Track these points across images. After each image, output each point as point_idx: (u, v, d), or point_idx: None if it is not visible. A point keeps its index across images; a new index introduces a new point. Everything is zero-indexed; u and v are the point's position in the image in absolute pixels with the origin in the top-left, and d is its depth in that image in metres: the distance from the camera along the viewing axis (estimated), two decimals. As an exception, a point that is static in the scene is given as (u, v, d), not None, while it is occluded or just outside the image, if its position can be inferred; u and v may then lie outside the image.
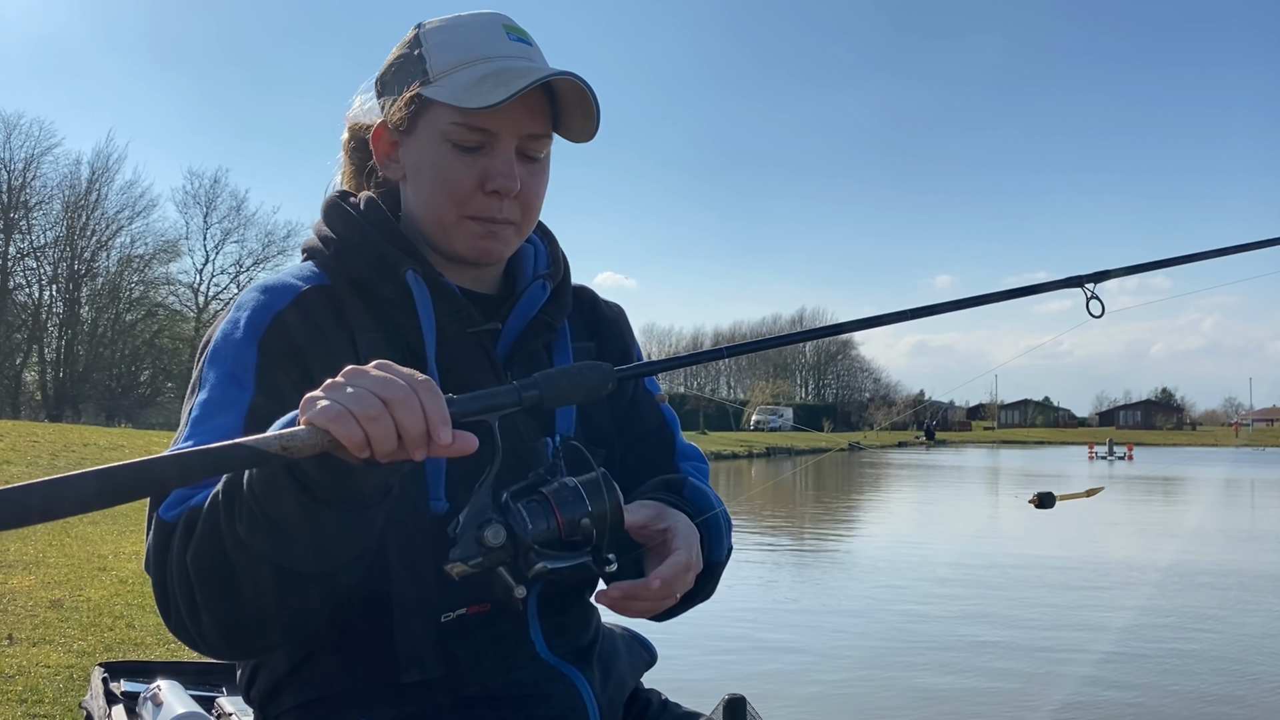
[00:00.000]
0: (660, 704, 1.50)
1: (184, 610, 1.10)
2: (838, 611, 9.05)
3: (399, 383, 0.94)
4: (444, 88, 1.30)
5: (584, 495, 1.07)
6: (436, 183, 1.33)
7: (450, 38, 1.33)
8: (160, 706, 1.88)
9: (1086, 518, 15.69)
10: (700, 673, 6.30)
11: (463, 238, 1.34)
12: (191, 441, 1.17)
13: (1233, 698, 6.31)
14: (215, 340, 1.27)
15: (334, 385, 0.95)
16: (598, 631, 1.44)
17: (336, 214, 1.38)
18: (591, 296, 1.56)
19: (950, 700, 6.11)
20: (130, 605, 6.76)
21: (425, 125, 1.32)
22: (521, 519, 1.04)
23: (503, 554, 1.02)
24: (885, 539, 13.55)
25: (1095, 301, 1.28)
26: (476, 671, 1.28)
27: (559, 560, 1.06)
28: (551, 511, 1.06)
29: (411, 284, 1.30)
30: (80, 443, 19.24)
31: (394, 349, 1.29)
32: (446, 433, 0.94)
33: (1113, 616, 8.80)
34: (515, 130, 1.31)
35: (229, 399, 1.21)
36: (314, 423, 0.91)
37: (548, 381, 1.04)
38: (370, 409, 0.92)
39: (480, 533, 1.02)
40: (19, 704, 4.41)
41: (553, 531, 1.05)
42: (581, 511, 1.07)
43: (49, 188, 44.44)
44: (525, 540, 1.03)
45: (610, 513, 1.08)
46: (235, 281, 48.10)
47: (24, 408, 43.10)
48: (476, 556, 1.02)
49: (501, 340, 1.38)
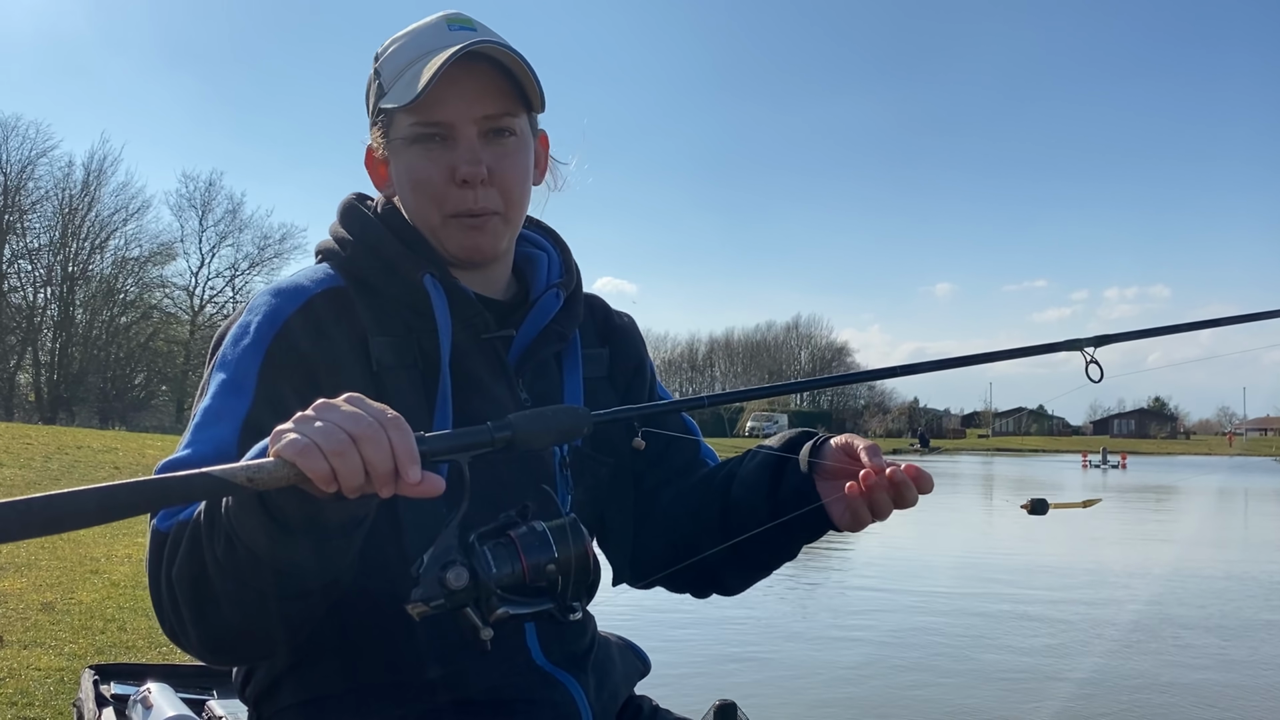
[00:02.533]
0: (651, 710, 1.49)
1: (173, 620, 1.12)
2: (831, 618, 9.05)
3: (368, 419, 0.93)
4: (393, 94, 1.32)
5: (550, 541, 1.05)
6: (413, 186, 1.34)
7: (399, 47, 1.36)
8: (150, 709, 1.87)
9: (1081, 527, 15.72)
10: (692, 680, 6.29)
11: (450, 238, 1.34)
12: (190, 450, 1.18)
13: (1233, 694, 6.31)
14: (224, 345, 1.28)
15: (303, 418, 0.94)
16: (593, 639, 1.44)
17: (354, 216, 1.39)
18: (603, 305, 1.57)
19: (945, 708, 6.11)
20: (122, 608, 6.74)
21: (394, 136, 1.35)
22: (486, 562, 1.02)
23: (465, 596, 1.01)
24: (880, 545, 13.55)
25: (1094, 366, 1.26)
26: (474, 675, 1.28)
27: (522, 606, 1.04)
28: (517, 556, 1.04)
29: (429, 287, 1.30)
30: (74, 445, 19.19)
31: (406, 351, 1.30)
32: (415, 471, 0.93)
33: (1109, 623, 8.81)
34: (469, 115, 1.31)
35: (227, 409, 1.21)
36: (281, 455, 0.91)
37: (522, 422, 1.03)
38: (337, 445, 0.91)
39: (443, 574, 1.00)
40: (9, 706, 4.40)
41: (517, 576, 1.03)
42: (547, 557, 1.04)
43: (44, 190, 44.43)
44: (488, 584, 1.01)
45: (576, 559, 1.06)
46: (230, 285, 48.09)
47: (18, 410, 42.99)
48: (438, 598, 1.00)
49: (513, 347, 1.38)
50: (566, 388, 1.42)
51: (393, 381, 1.28)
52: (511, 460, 1.28)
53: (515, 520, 1.07)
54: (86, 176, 44.92)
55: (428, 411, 1.27)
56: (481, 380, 1.32)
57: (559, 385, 1.42)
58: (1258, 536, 18.39)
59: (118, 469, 17.07)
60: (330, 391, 1.23)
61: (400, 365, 1.29)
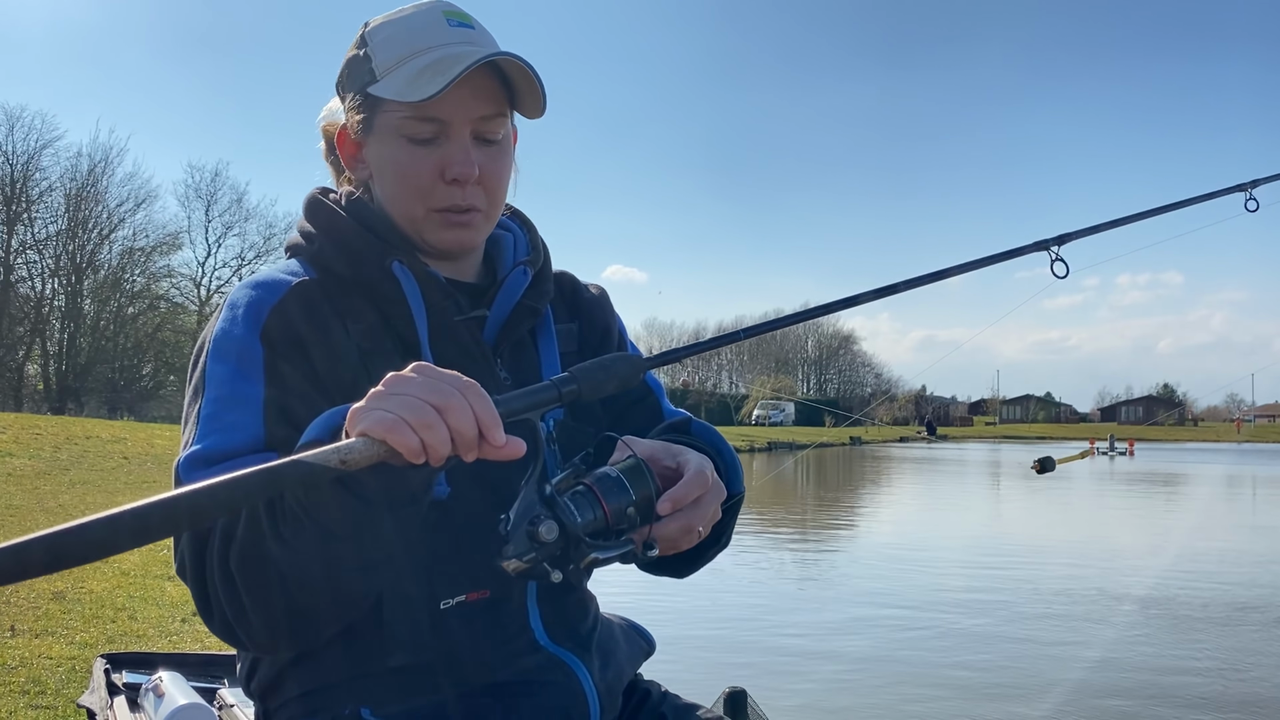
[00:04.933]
0: (660, 695, 1.50)
1: (230, 613, 1.11)
2: (839, 603, 9.06)
3: (448, 388, 0.96)
4: (389, 84, 1.31)
5: (626, 483, 1.10)
6: (398, 179, 1.34)
7: (393, 32, 1.35)
8: (162, 698, 1.89)
9: (1093, 511, 15.70)
10: (700, 665, 6.31)
11: (432, 230, 1.35)
12: (210, 441, 1.17)
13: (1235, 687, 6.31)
14: (214, 337, 1.26)
15: (380, 395, 0.96)
16: (596, 620, 1.44)
17: (318, 209, 1.39)
18: (572, 280, 1.57)
19: (954, 691, 6.12)
20: (132, 597, 6.78)
21: (380, 124, 1.34)
22: (570, 512, 1.06)
23: (554, 548, 1.05)
24: (888, 530, 13.55)
25: (1059, 263, 1.33)
26: (476, 658, 1.29)
27: (608, 549, 1.09)
28: (598, 501, 1.08)
29: (399, 274, 1.31)
30: (83, 435, 19.26)
31: (384, 340, 1.30)
32: (499, 434, 0.96)
33: (1117, 612, 8.81)
34: (465, 115, 1.32)
35: (241, 394, 1.21)
36: (370, 434, 0.92)
37: (584, 375, 1.07)
38: (426, 417, 0.93)
39: (534, 529, 1.04)
40: (21, 695, 4.42)
41: (600, 521, 1.08)
42: (626, 499, 1.10)
43: (51, 180, 44.47)
44: (575, 532, 1.05)
45: (651, 496, 1.11)
46: (237, 275, 48.05)
47: (26, 400, 43.10)
48: (530, 552, 1.04)
49: (487, 327, 1.38)
50: (544, 363, 1.43)
51: (377, 367, 1.28)
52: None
53: (582, 468, 1.12)
54: (93, 166, 44.99)
55: None
56: (459, 362, 1.32)
57: (536, 362, 1.43)
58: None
59: (126, 459, 17.13)
60: (329, 374, 1.24)
61: (379, 351, 1.29)
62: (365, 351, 1.28)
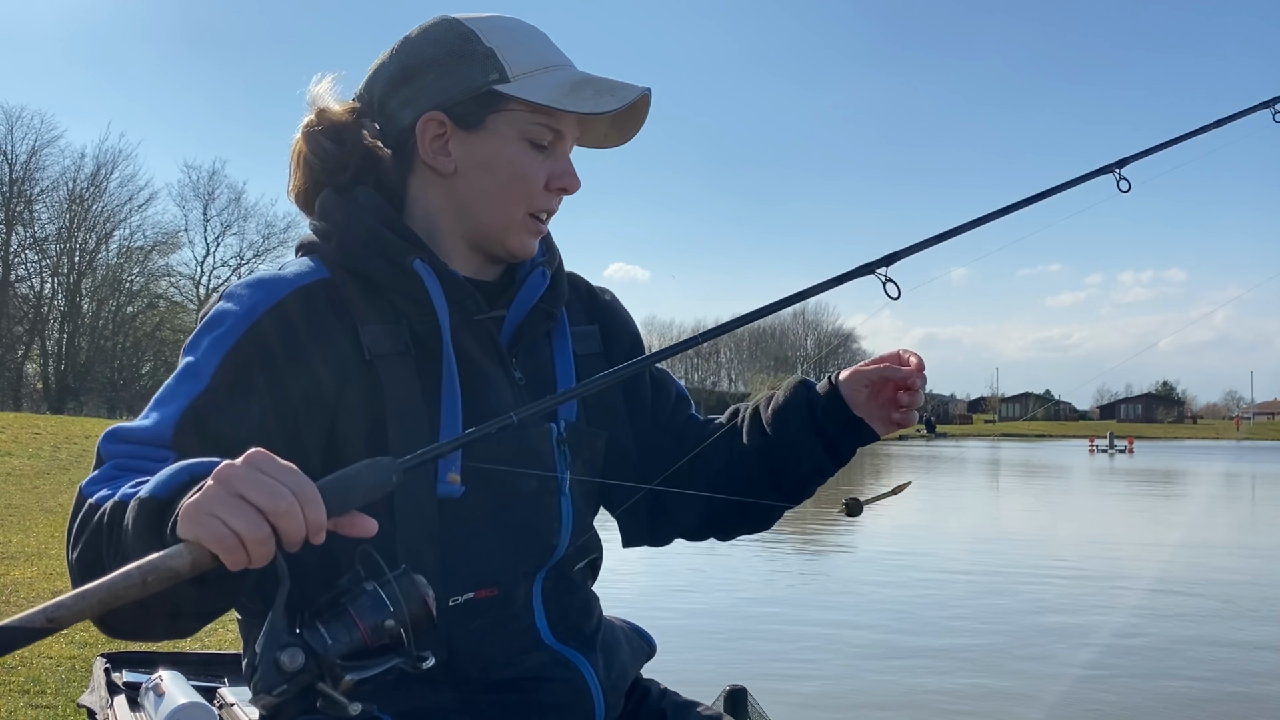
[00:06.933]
0: (660, 692, 1.51)
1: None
2: (840, 603, 9.06)
3: (283, 490, 0.93)
4: (532, 87, 1.31)
5: (384, 599, 1.03)
6: (511, 179, 1.35)
7: (514, 39, 1.35)
8: (162, 697, 1.89)
9: (1093, 509, 15.70)
10: (700, 664, 6.31)
11: (518, 232, 1.37)
12: (136, 424, 1.18)
13: (1232, 690, 6.32)
14: (198, 329, 1.26)
15: (214, 497, 0.93)
16: (600, 620, 1.45)
17: (335, 206, 1.36)
18: (586, 283, 1.58)
19: (953, 693, 6.12)
20: (132, 597, 6.77)
21: (499, 122, 1.33)
22: (320, 637, 1.01)
23: (307, 675, 0.99)
24: (889, 530, 13.55)
25: (891, 284, 1.37)
26: (483, 656, 1.29)
27: (368, 669, 1.03)
28: (354, 623, 1.02)
29: (421, 272, 1.30)
30: (82, 434, 19.25)
31: (397, 338, 1.29)
32: (323, 536, 0.96)
33: (1114, 612, 8.81)
34: (574, 132, 1.38)
35: (180, 392, 1.20)
36: (201, 543, 0.91)
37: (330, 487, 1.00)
38: (259, 533, 0.92)
39: (277, 658, 0.99)
40: (21, 695, 4.42)
41: (356, 642, 1.02)
42: (384, 616, 1.02)
43: (51, 179, 44.47)
44: (328, 658, 1.00)
45: (417, 607, 1.04)
46: (236, 273, 48.08)
47: (26, 400, 43.14)
48: (280, 684, 0.99)
49: (505, 327, 1.39)
50: (558, 366, 1.44)
51: (387, 369, 1.27)
52: (510, 439, 1.30)
53: (348, 587, 1.05)
54: (96, 166, 45.00)
55: (424, 395, 1.28)
56: (477, 361, 1.33)
57: (550, 363, 1.43)
58: (1265, 521, 18.36)
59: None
60: (311, 383, 1.23)
61: (394, 352, 1.28)
62: (377, 354, 1.27)
